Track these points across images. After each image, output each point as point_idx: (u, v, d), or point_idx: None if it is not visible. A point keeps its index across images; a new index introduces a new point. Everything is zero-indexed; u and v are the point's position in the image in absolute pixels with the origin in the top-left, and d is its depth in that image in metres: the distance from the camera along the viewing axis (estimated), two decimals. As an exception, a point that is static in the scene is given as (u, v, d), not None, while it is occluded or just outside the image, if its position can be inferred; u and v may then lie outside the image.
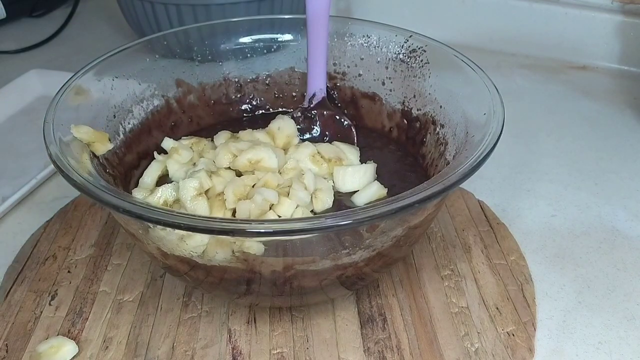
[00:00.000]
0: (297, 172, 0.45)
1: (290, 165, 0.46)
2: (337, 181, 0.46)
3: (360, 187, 0.46)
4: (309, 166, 0.47)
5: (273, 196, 0.41)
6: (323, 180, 0.45)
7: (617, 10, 0.81)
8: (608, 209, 0.57)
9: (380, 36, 0.54)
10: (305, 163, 0.47)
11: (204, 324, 0.45)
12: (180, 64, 0.55)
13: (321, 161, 0.47)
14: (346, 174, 0.46)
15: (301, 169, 0.46)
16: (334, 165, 0.47)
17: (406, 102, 0.53)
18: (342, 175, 0.46)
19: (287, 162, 0.46)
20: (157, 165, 0.48)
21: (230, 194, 0.41)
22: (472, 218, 0.54)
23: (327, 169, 0.47)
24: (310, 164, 0.47)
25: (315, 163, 0.47)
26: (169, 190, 0.42)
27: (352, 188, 0.46)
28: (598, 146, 0.66)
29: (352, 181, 0.46)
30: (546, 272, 0.50)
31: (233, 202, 0.41)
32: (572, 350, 0.43)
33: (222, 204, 0.42)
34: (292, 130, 0.50)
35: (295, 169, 0.45)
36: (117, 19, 0.89)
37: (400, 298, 0.46)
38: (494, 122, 0.40)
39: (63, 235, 0.53)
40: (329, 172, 0.47)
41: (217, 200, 0.42)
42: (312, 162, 0.47)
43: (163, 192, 0.42)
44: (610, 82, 0.80)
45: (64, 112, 0.42)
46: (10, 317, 0.45)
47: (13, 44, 0.90)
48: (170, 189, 0.43)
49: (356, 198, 0.45)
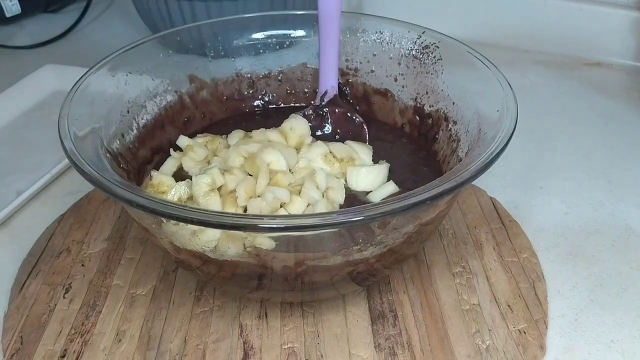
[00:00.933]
0: (309, 171, 0.45)
1: (302, 165, 0.46)
2: (350, 181, 0.46)
3: (373, 187, 0.46)
4: (320, 166, 0.47)
5: (284, 195, 0.41)
6: (335, 179, 0.45)
7: (633, 6, 0.80)
8: (622, 207, 0.56)
9: (393, 32, 0.54)
10: (317, 163, 0.47)
11: (215, 318, 0.45)
12: (193, 60, 0.55)
13: (333, 161, 0.47)
14: (360, 174, 0.46)
15: (313, 168, 0.46)
16: (346, 165, 0.47)
17: (419, 98, 0.53)
18: (355, 175, 0.46)
19: (299, 162, 0.46)
20: (172, 162, 0.49)
21: (242, 191, 0.42)
22: (484, 215, 0.54)
23: (339, 168, 0.47)
24: (322, 163, 0.47)
25: (328, 163, 0.47)
26: (183, 188, 0.43)
27: (365, 188, 0.46)
28: (612, 143, 0.66)
29: (365, 181, 0.46)
30: (558, 270, 0.49)
31: (244, 199, 0.42)
32: (584, 348, 0.43)
33: (234, 201, 0.42)
34: (305, 129, 0.50)
35: (307, 168, 0.46)
36: (131, 15, 0.89)
37: (411, 294, 0.46)
38: (507, 118, 0.40)
39: (77, 229, 0.53)
40: (341, 172, 0.47)
41: (229, 197, 0.42)
42: (324, 161, 0.47)
43: (177, 190, 0.43)
44: (625, 79, 0.79)
45: (78, 106, 0.43)
46: (24, 310, 0.46)
47: (28, 39, 0.90)
48: (184, 186, 0.43)
49: (371, 197, 0.45)
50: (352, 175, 0.46)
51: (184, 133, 0.53)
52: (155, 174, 0.44)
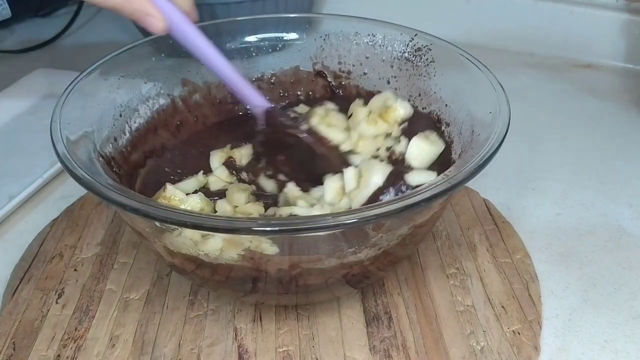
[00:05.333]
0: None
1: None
2: (411, 151, 0.45)
3: (422, 167, 0.45)
4: (367, 130, 0.46)
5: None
6: (377, 163, 0.44)
7: (623, 8, 0.81)
8: (613, 208, 0.57)
9: (386, 35, 0.54)
10: (363, 128, 0.46)
11: (210, 322, 0.45)
12: (186, 63, 0.55)
13: (375, 119, 0.46)
14: (424, 149, 0.45)
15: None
16: (387, 117, 0.47)
17: (411, 100, 0.53)
18: (419, 148, 0.45)
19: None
20: (193, 182, 0.48)
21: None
22: (478, 216, 0.54)
23: (384, 124, 0.47)
24: (366, 126, 0.46)
25: (371, 124, 0.47)
26: (195, 200, 0.43)
27: (419, 165, 0.45)
28: (603, 145, 0.66)
29: (424, 158, 0.45)
30: (552, 271, 0.50)
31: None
32: (577, 348, 0.43)
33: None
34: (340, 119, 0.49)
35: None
36: (123, 19, 0.89)
37: (405, 296, 0.46)
38: (500, 120, 0.40)
39: (70, 234, 0.53)
40: (386, 128, 0.47)
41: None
42: (368, 124, 0.47)
43: (189, 203, 0.42)
44: (616, 81, 0.80)
45: (70, 110, 0.43)
46: (17, 315, 0.45)
47: (19, 44, 0.90)
48: (197, 198, 0.43)
49: (412, 177, 0.43)
50: (415, 147, 0.45)
51: (177, 137, 0.53)
52: (169, 186, 0.43)
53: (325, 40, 0.56)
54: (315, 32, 0.57)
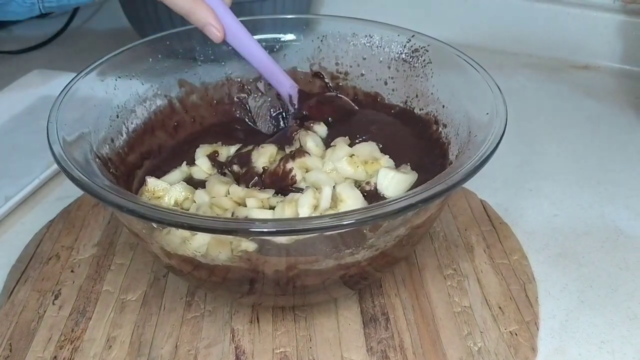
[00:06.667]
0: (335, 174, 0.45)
1: (329, 168, 0.45)
2: (381, 182, 0.44)
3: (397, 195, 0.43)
4: (345, 168, 0.45)
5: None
6: (352, 189, 0.43)
7: (619, 9, 0.81)
8: (611, 209, 0.57)
9: (383, 36, 0.54)
10: (341, 164, 0.45)
11: (207, 323, 0.45)
12: (183, 64, 0.55)
13: (357, 163, 0.45)
14: (393, 179, 0.43)
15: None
16: (370, 167, 0.45)
17: (409, 101, 0.53)
18: (388, 178, 0.43)
19: (324, 165, 0.46)
20: (178, 174, 0.49)
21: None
22: (475, 217, 0.54)
23: (363, 171, 0.45)
24: (346, 165, 0.45)
25: (352, 165, 0.45)
26: (178, 190, 0.43)
27: (392, 194, 0.43)
28: (600, 145, 0.66)
29: (395, 188, 0.43)
30: (549, 272, 0.50)
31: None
32: (574, 349, 0.43)
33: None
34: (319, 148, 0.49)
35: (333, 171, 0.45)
36: (120, 20, 0.89)
37: (403, 297, 0.46)
38: (497, 121, 0.40)
39: (66, 235, 0.53)
40: (366, 174, 0.45)
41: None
42: (348, 164, 0.45)
43: (172, 193, 0.43)
44: (613, 82, 0.80)
45: (67, 111, 0.43)
46: (13, 317, 0.45)
47: (16, 44, 0.90)
48: (179, 188, 0.43)
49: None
50: (384, 178, 0.43)
51: (174, 138, 0.52)
52: (150, 179, 0.43)
53: (322, 42, 0.56)
54: (313, 33, 0.57)
